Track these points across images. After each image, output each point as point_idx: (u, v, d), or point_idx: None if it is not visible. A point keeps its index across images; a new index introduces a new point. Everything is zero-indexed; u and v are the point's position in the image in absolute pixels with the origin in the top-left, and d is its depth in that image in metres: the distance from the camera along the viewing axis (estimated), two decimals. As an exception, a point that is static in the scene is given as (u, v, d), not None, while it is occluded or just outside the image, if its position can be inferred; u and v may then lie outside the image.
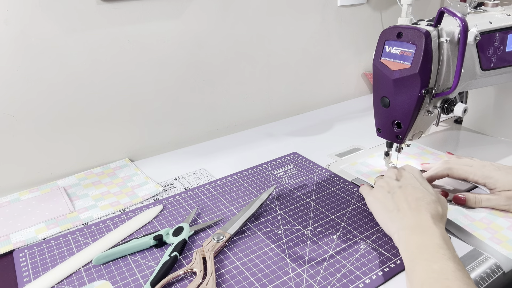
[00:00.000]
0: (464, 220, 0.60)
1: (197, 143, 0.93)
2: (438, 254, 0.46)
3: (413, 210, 0.53)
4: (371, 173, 0.75)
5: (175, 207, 0.67)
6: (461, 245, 0.55)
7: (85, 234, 0.62)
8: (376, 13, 1.12)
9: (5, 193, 0.74)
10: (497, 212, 0.62)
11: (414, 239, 0.50)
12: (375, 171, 0.75)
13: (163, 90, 0.85)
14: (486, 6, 0.73)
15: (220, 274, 0.52)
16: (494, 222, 0.60)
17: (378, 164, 0.78)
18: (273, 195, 0.69)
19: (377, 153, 0.82)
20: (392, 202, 0.56)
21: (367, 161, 0.79)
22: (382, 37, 0.62)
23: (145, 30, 0.78)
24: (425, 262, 0.46)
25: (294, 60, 1.01)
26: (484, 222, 0.60)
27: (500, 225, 0.59)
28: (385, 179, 0.61)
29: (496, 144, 0.83)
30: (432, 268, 0.45)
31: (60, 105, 0.75)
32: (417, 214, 0.53)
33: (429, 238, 0.49)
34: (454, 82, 0.60)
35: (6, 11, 0.66)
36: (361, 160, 0.80)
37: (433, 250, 0.47)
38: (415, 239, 0.50)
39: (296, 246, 0.57)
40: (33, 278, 0.53)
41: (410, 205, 0.54)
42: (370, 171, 0.76)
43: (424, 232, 0.50)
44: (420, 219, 0.52)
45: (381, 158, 0.79)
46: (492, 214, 0.61)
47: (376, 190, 0.60)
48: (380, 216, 0.57)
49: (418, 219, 0.52)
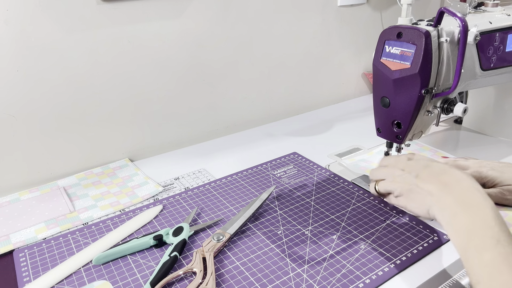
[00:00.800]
0: None
1: (197, 143, 0.93)
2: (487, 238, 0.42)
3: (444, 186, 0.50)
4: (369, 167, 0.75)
5: (175, 207, 0.67)
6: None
7: (85, 234, 0.62)
8: (376, 13, 1.12)
9: (5, 193, 0.74)
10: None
11: (460, 220, 0.46)
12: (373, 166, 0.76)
13: (163, 90, 0.85)
14: (486, 6, 0.73)
15: (220, 274, 0.52)
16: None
17: (377, 160, 0.78)
18: (273, 195, 0.69)
19: (376, 150, 0.82)
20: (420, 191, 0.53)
21: (366, 158, 0.80)
22: (382, 37, 0.62)
23: (145, 30, 0.78)
24: (475, 253, 0.42)
25: (294, 60, 1.01)
26: None
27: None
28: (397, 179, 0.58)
29: (496, 144, 0.83)
30: (483, 259, 0.41)
31: (60, 105, 0.75)
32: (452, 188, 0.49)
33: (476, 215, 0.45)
34: (454, 82, 0.60)
35: (6, 11, 0.66)
36: (359, 158, 0.80)
37: (481, 233, 0.43)
38: (461, 219, 0.46)
39: (296, 246, 0.57)
40: (33, 278, 0.53)
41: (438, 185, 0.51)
42: (368, 165, 0.76)
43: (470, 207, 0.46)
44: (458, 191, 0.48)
45: (380, 155, 0.79)
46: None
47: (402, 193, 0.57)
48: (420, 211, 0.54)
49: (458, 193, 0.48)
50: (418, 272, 0.52)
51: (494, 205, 0.46)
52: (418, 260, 0.54)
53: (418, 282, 0.50)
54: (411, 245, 0.56)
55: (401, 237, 0.58)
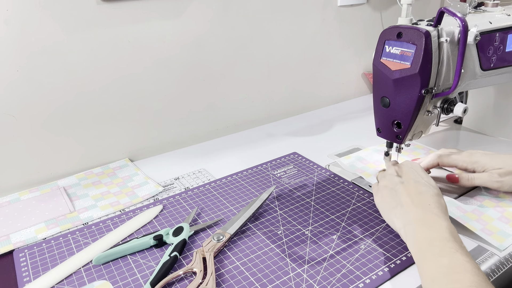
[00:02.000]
0: (456, 211, 0.61)
1: (197, 143, 0.93)
2: (446, 248, 0.46)
3: (417, 204, 0.53)
4: (365, 169, 0.75)
5: (175, 207, 0.67)
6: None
7: (85, 234, 0.62)
8: (376, 13, 1.12)
9: (5, 193, 0.74)
10: (488, 203, 0.63)
11: (421, 233, 0.50)
12: (370, 166, 0.76)
13: (163, 90, 0.85)
14: (486, 6, 0.73)
15: (220, 274, 0.52)
16: (485, 214, 0.61)
17: (373, 159, 0.79)
18: (273, 195, 0.69)
19: (371, 147, 0.82)
20: (396, 198, 0.56)
21: (361, 155, 0.80)
22: (382, 37, 0.62)
23: (145, 30, 0.78)
24: (433, 257, 0.46)
25: (294, 60, 1.01)
26: (476, 214, 0.61)
27: (490, 216, 0.60)
28: (387, 177, 0.61)
29: (496, 144, 0.83)
30: (441, 262, 0.45)
31: (60, 105, 0.75)
32: (422, 208, 0.53)
33: (436, 232, 0.49)
34: (454, 82, 0.60)
35: (6, 11, 0.66)
36: (355, 155, 0.80)
37: (440, 244, 0.47)
38: (422, 233, 0.50)
39: (296, 246, 0.57)
40: (33, 278, 0.53)
41: (414, 199, 0.54)
42: (364, 166, 0.76)
43: (430, 226, 0.50)
44: (424, 212, 0.52)
45: (376, 153, 0.80)
46: (483, 206, 0.63)
47: (381, 189, 0.61)
48: (386, 214, 0.58)
49: (423, 213, 0.52)
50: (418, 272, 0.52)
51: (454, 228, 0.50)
52: (418, 260, 0.53)
53: (418, 282, 0.50)
54: (411, 245, 0.56)
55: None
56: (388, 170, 0.63)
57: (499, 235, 0.57)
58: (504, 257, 0.53)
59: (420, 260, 0.47)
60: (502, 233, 0.57)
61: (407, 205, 0.54)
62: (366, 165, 0.76)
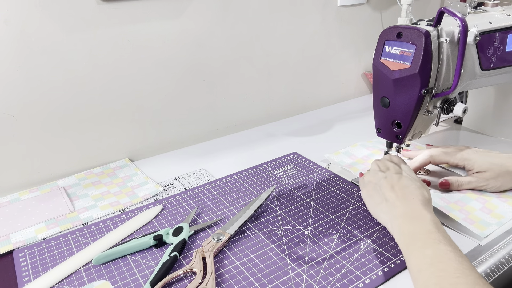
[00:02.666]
0: (440, 202, 0.63)
1: (197, 143, 0.93)
2: (429, 240, 0.48)
3: (401, 198, 0.55)
4: (354, 164, 0.76)
5: (175, 207, 0.67)
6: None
7: (85, 234, 0.62)
8: (376, 13, 1.12)
9: (5, 193, 0.74)
10: (471, 194, 0.65)
11: (406, 227, 0.51)
12: (358, 161, 0.77)
13: (163, 90, 0.85)
14: (486, 6, 0.73)
15: (220, 274, 0.52)
16: (468, 204, 0.63)
17: (361, 154, 0.80)
18: (273, 195, 0.69)
19: (360, 143, 0.84)
20: (380, 193, 0.58)
21: (350, 151, 0.81)
22: (382, 37, 0.62)
23: (145, 30, 0.78)
24: (418, 249, 0.48)
25: (294, 60, 1.01)
26: (459, 204, 0.63)
27: (473, 206, 0.62)
28: (371, 173, 0.63)
29: (496, 144, 0.83)
30: (425, 253, 0.46)
31: (60, 104, 0.75)
32: (405, 202, 0.54)
33: (420, 225, 0.50)
34: (454, 82, 0.60)
35: (6, 11, 0.66)
36: (344, 150, 0.81)
37: (424, 237, 0.49)
38: (407, 227, 0.51)
39: (296, 246, 0.57)
40: (33, 278, 0.53)
41: (398, 194, 0.56)
42: (353, 162, 0.77)
43: (414, 219, 0.52)
44: (409, 206, 0.54)
45: (364, 148, 0.82)
46: (466, 196, 0.65)
47: (366, 184, 0.62)
48: (372, 209, 0.59)
49: (407, 207, 0.54)
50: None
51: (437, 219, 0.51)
52: (418, 260, 0.54)
53: (418, 282, 0.50)
54: (411, 245, 0.56)
55: (401, 237, 0.58)
56: (372, 165, 0.64)
57: (481, 224, 0.59)
58: (504, 257, 0.53)
59: (407, 253, 0.49)
60: (484, 222, 0.59)
61: (392, 199, 0.56)
62: (355, 160, 0.78)
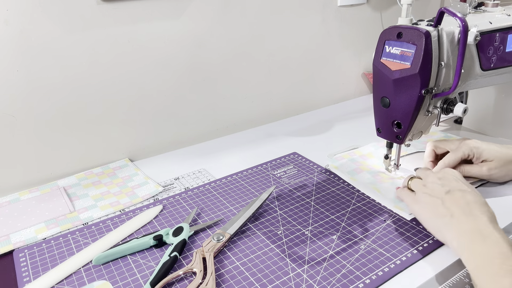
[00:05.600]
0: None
1: (197, 143, 0.93)
2: (505, 266, 0.44)
3: (468, 215, 0.51)
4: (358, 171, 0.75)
5: (175, 207, 0.67)
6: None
7: (85, 234, 0.62)
8: (376, 13, 1.12)
9: (5, 193, 0.74)
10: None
11: (477, 248, 0.48)
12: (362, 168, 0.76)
13: (163, 90, 0.85)
14: (486, 6, 0.73)
15: (220, 274, 0.52)
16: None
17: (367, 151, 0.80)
18: (273, 195, 0.69)
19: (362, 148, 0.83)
20: (443, 208, 0.54)
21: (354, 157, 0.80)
22: (382, 37, 0.62)
23: (145, 30, 0.78)
24: (493, 277, 0.44)
25: (294, 60, 1.01)
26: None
27: None
28: (428, 186, 0.58)
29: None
30: (502, 284, 0.42)
31: (60, 105, 0.75)
32: (473, 218, 0.50)
33: (492, 246, 0.47)
34: (454, 82, 0.60)
35: (6, 11, 0.66)
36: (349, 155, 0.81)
37: (499, 262, 0.45)
38: (478, 248, 0.48)
39: (296, 246, 0.57)
40: (33, 278, 0.53)
41: (464, 209, 0.52)
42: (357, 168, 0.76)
43: (486, 239, 0.48)
44: (477, 224, 0.50)
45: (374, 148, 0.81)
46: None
47: (422, 197, 0.58)
48: (432, 223, 0.55)
49: (476, 224, 0.50)
50: (418, 273, 0.52)
51: (508, 239, 0.47)
52: (418, 260, 0.54)
53: (418, 282, 0.50)
54: (411, 245, 0.56)
55: (401, 237, 0.58)
56: (428, 178, 0.60)
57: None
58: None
59: (477, 279, 0.45)
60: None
61: (457, 215, 0.52)
62: (359, 167, 0.76)
